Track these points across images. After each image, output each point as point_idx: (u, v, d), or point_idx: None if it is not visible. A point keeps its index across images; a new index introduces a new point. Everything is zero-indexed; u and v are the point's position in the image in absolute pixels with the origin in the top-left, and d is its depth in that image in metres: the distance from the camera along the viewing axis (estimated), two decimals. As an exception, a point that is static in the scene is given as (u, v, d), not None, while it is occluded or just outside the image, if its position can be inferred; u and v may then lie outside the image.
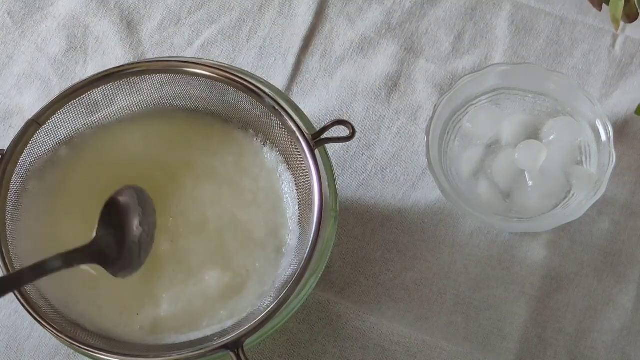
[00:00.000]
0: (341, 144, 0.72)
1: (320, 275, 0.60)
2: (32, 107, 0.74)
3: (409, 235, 0.70)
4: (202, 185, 0.64)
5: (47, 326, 0.57)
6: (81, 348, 0.57)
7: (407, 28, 0.76)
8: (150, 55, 0.76)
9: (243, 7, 0.77)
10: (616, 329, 0.67)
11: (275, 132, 0.63)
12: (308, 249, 0.58)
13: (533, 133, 0.70)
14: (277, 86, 0.65)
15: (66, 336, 0.57)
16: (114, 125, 0.65)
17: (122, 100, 0.64)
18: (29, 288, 0.58)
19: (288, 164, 0.64)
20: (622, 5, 0.69)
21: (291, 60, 0.75)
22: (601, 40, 0.75)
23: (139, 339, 0.60)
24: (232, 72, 0.62)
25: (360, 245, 0.70)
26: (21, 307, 0.58)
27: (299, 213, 0.63)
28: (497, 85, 0.71)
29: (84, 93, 0.62)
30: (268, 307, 0.57)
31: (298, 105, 0.63)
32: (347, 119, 0.72)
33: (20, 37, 0.77)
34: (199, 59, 0.63)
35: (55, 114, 0.62)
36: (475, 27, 0.76)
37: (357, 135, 0.72)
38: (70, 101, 0.62)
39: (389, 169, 0.72)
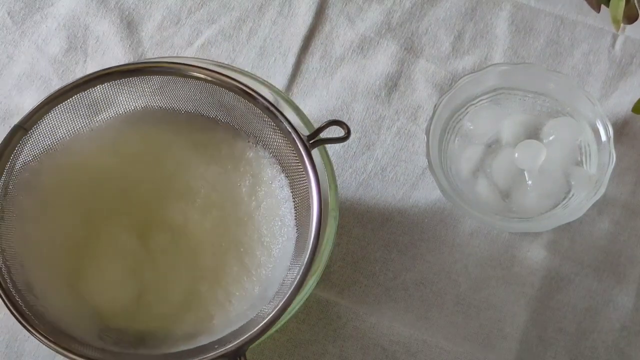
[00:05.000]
0: (340, 144, 0.72)
1: (320, 275, 0.60)
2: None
3: (409, 235, 0.70)
4: (197, 192, 0.63)
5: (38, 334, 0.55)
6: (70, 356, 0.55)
7: (407, 28, 0.76)
8: (150, 55, 0.76)
9: (243, 7, 0.77)
10: (616, 329, 0.67)
11: (268, 134, 0.62)
12: (308, 254, 0.56)
13: (533, 133, 0.70)
14: (277, 86, 0.65)
15: (58, 345, 0.55)
16: (101, 131, 0.63)
17: (108, 104, 0.62)
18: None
19: (281, 166, 0.62)
20: (623, 6, 0.69)
21: (291, 60, 0.75)
22: (601, 40, 0.75)
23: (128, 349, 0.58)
24: (225, 73, 0.60)
25: (360, 245, 0.70)
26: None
27: (295, 215, 0.61)
28: (497, 85, 0.71)
29: (70, 97, 0.59)
30: (270, 314, 0.55)
31: (298, 105, 0.63)
32: (346, 119, 0.73)
33: (20, 37, 0.77)
34: (196, 58, 0.61)
35: (42, 119, 0.59)
36: (475, 27, 0.76)
37: (357, 135, 0.73)
38: (56, 105, 0.59)
39: (389, 169, 0.72)
